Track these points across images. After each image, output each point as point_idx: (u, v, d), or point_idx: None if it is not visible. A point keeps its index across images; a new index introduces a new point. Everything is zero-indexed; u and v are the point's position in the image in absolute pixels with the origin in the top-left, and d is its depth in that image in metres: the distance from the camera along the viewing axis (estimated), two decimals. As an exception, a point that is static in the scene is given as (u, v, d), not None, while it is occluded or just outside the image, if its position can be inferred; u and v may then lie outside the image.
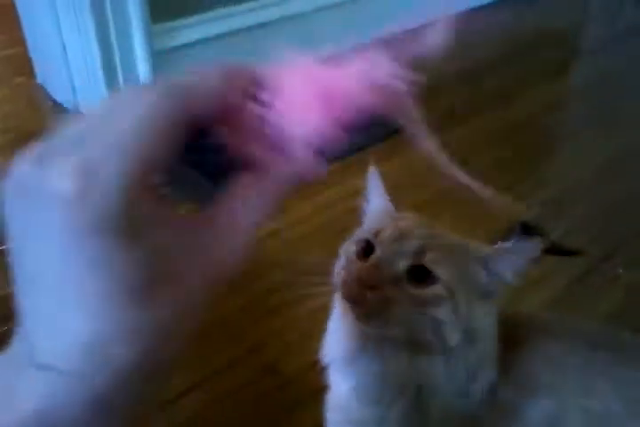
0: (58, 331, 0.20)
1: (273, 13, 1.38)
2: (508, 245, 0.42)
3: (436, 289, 0.41)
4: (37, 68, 1.34)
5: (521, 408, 0.44)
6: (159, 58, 1.21)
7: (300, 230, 0.97)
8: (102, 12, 1.11)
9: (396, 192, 0.50)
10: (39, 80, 1.35)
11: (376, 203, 0.49)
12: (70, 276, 0.20)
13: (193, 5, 1.27)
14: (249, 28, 1.35)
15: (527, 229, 0.95)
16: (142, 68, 1.20)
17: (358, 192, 0.50)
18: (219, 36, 1.30)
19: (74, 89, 1.24)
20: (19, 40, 1.47)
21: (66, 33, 1.17)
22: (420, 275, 0.41)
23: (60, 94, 1.29)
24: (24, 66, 1.39)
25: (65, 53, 1.19)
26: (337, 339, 0.47)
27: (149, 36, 1.18)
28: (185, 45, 1.26)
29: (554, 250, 0.93)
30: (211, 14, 1.29)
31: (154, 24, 1.19)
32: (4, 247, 0.21)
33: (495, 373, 0.44)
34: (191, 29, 1.27)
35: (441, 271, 0.41)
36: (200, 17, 1.28)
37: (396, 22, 0.27)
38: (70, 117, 0.22)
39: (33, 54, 1.33)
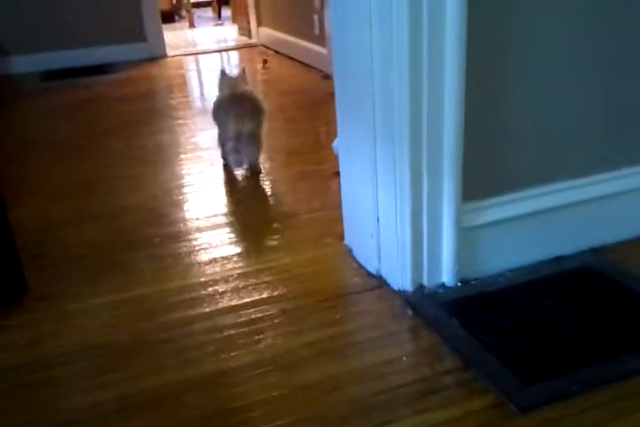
0: None
1: (588, 193, 1.33)
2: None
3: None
4: (347, 232, 1.47)
5: None
6: (464, 235, 1.23)
7: None
8: (419, 190, 1.19)
9: None
10: (347, 242, 1.47)
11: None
12: None
13: (504, 185, 1.28)
14: (558, 208, 1.31)
15: None
16: (447, 244, 1.23)
17: None
18: (528, 215, 1.28)
19: (379, 257, 1.31)
20: (336, 203, 1.66)
21: (382, 207, 1.26)
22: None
23: (365, 260, 1.37)
24: (335, 227, 1.55)
25: (377, 224, 1.29)
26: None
27: (458, 215, 1.22)
28: (490, 223, 1.27)
29: None
30: (522, 194, 1.29)
31: (464, 203, 1.23)
32: None
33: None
34: (499, 208, 1.28)
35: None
36: (510, 196, 1.29)
37: None
38: None
39: (346, 219, 1.46)
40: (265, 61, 3.74)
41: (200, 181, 1.99)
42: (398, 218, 1.21)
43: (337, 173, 1.89)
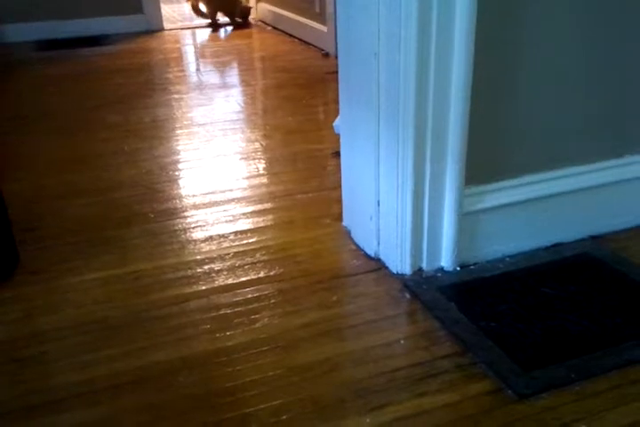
0: None
1: (589, 180, 1.32)
2: None
3: None
4: (346, 213, 1.45)
5: None
6: (465, 219, 1.22)
7: None
8: (422, 173, 1.17)
9: None
10: (345, 224, 1.46)
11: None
12: None
13: (506, 171, 1.27)
14: (558, 195, 1.30)
15: None
16: (447, 229, 1.22)
17: None
18: (529, 201, 1.27)
19: (378, 239, 1.29)
20: (334, 184, 1.64)
21: (383, 189, 1.24)
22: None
23: (364, 242, 1.36)
24: (333, 208, 1.53)
25: (377, 207, 1.27)
26: None
27: (460, 199, 1.20)
28: (491, 208, 1.25)
29: None
30: (523, 179, 1.28)
31: (466, 187, 1.21)
32: None
33: None
34: (501, 193, 1.26)
35: None
36: (511, 182, 1.27)
37: None
38: None
39: (345, 200, 1.44)
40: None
41: (196, 158, 1.96)
42: (399, 201, 1.20)
43: (337, 153, 1.87)
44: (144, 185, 1.75)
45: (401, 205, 1.20)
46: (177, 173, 1.84)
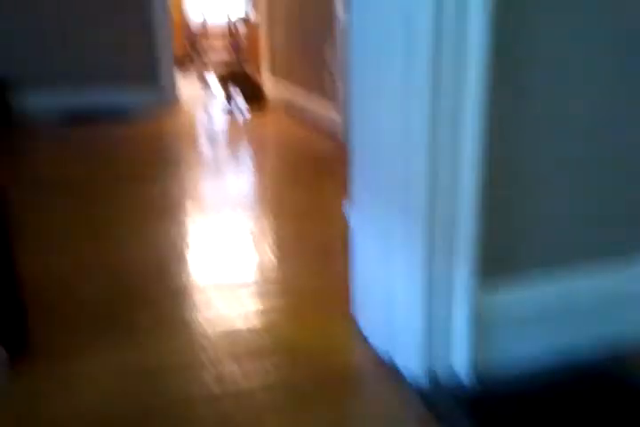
0: None
1: (607, 289, 1.33)
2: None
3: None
4: (356, 307, 1.46)
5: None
6: (479, 322, 1.22)
7: None
8: (432, 268, 1.17)
9: None
10: (356, 317, 1.46)
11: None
12: None
13: (521, 268, 1.28)
14: (580, 299, 1.31)
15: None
16: (461, 332, 1.21)
17: None
18: (546, 311, 1.28)
19: (389, 338, 1.29)
20: (344, 270, 1.66)
21: (394, 284, 1.25)
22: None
23: (374, 338, 1.36)
24: (342, 297, 1.53)
25: (389, 305, 1.27)
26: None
27: (473, 302, 1.21)
28: (507, 313, 1.26)
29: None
30: (537, 281, 1.29)
31: (479, 287, 1.22)
32: None
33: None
34: (518, 305, 1.27)
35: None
36: (529, 291, 1.29)
37: None
38: None
39: (355, 291, 1.45)
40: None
41: (206, 237, 1.99)
42: (409, 299, 1.20)
43: (345, 237, 1.90)
44: (153, 263, 1.77)
45: (411, 304, 1.20)
46: (186, 252, 1.86)
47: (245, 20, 5.48)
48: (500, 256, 1.26)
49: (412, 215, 1.16)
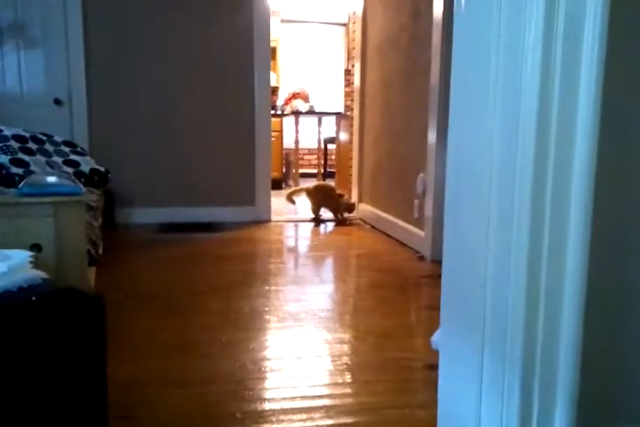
0: None
1: None
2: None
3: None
4: (441, 441, 1.37)
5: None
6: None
7: None
8: (528, 414, 1.11)
9: None
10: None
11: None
12: None
13: (627, 420, 1.19)
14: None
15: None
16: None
17: None
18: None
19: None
20: (426, 401, 1.58)
21: (485, 424, 1.19)
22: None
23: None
24: (427, 432, 1.46)
25: (478, 443, 1.20)
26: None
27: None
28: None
29: None
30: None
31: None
32: None
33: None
34: None
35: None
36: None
37: None
38: None
39: (440, 424, 1.38)
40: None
41: (287, 354, 1.98)
42: (503, 442, 1.13)
43: (430, 367, 1.84)
44: (236, 380, 1.77)
45: (504, 447, 1.13)
46: (269, 371, 1.86)
47: (336, 142, 5.84)
48: (599, 406, 1.17)
49: (508, 356, 1.13)
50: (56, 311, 1.30)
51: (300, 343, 2.09)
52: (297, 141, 6.71)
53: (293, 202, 4.65)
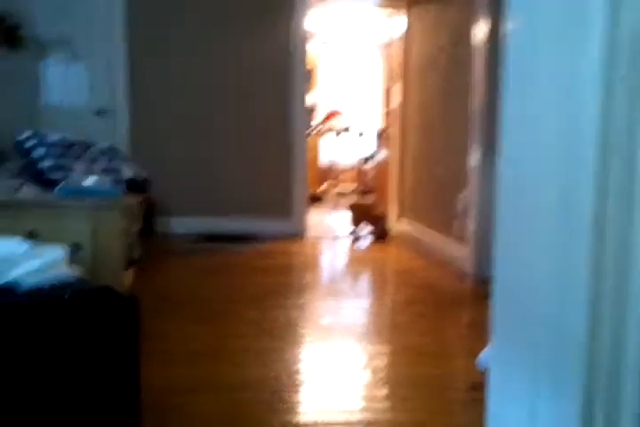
0: None
1: None
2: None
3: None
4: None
5: None
6: None
7: None
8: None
9: None
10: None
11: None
12: None
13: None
14: None
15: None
16: None
17: None
18: None
19: None
20: (474, 425, 1.48)
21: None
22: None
23: None
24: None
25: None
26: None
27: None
28: None
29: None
30: None
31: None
32: None
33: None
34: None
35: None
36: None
37: None
38: None
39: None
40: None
41: (322, 367, 1.91)
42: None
43: (476, 386, 1.74)
44: (269, 390, 1.70)
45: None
46: (302, 382, 1.78)
47: (375, 160, 5.81)
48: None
49: (566, 373, 1.03)
50: (89, 310, 1.26)
51: (336, 356, 2.01)
52: (333, 159, 6.69)
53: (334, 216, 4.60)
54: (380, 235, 4.42)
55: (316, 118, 7.28)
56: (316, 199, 6.16)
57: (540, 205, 1.13)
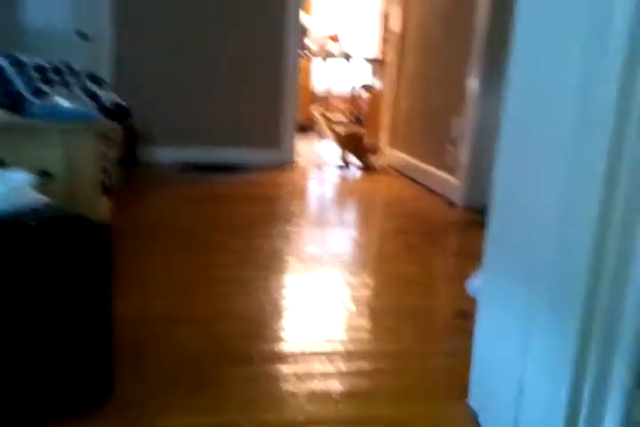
0: None
1: None
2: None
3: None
4: (474, 393, 1.25)
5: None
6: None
7: None
8: (582, 371, 0.97)
9: None
10: (472, 404, 1.25)
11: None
12: None
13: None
14: None
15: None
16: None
17: None
18: None
19: (515, 434, 1.08)
20: (456, 350, 1.45)
21: (530, 379, 1.05)
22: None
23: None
24: (455, 381, 1.33)
25: (520, 397, 1.07)
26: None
27: (629, 408, 0.98)
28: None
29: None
30: None
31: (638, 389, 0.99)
32: None
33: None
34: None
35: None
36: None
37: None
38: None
39: (475, 377, 1.26)
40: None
41: (307, 295, 1.86)
42: (551, 396, 1.00)
43: (460, 314, 1.70)
44: (252, 319, 1.66)
45: (552, 401, 0.99)
46: (287, 312, 1.74)
47: (369, 88, 5.60)
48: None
49: (565, 298, 0.97)
50: (57, 237, 1.17)
51: (321, 286, 1.96)
52: (327, 86, 6.45)
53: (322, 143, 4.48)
54: (368, 166, 4.31)
55: (311, 42, 6.94)
56: (306, 126, 5.99)
57: (547, 132, 1.03)
